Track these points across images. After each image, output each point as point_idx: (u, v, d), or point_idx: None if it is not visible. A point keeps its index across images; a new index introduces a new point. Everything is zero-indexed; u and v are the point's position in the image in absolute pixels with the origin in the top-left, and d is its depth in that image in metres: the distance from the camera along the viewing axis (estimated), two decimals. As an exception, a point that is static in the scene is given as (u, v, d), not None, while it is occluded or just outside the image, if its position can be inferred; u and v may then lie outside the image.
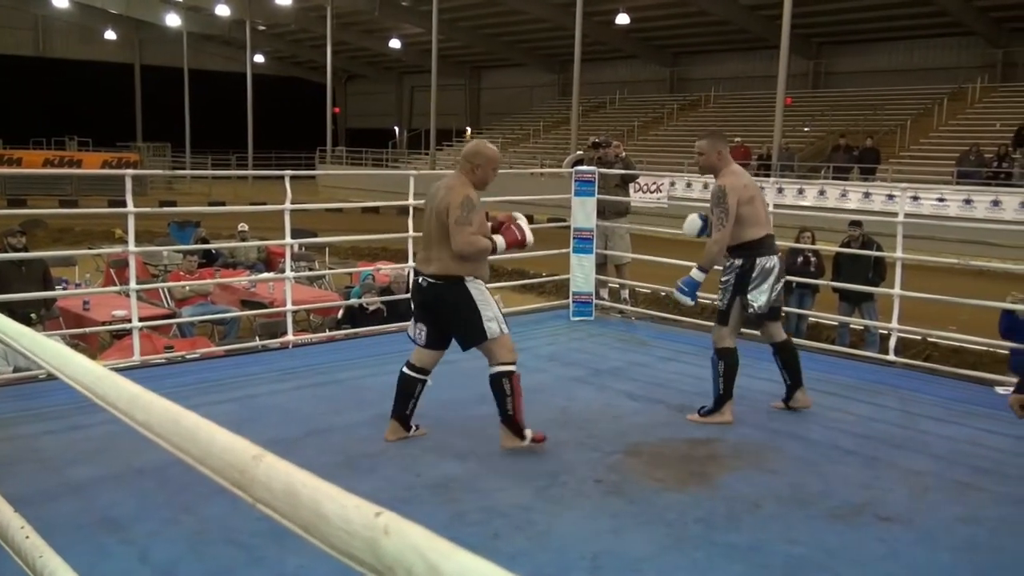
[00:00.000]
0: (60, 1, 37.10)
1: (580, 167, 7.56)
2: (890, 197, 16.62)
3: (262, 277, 10.54)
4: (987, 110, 23.31)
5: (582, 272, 7.37)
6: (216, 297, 10.24)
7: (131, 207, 5.66)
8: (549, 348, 6.49)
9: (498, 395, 4.19)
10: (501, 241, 4.28)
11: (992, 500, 3.70)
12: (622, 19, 28.65)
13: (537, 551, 3.20)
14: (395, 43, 38.02)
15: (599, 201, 7.41)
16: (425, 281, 4.19)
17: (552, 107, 35.50)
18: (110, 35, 40.88)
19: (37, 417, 4.58)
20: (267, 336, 7.61)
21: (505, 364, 4.17)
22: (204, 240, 12.76)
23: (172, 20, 38.58)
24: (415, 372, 4.35)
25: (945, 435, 4.66)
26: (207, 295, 10.14)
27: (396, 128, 43.71)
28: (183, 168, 37.64)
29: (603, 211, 7.71)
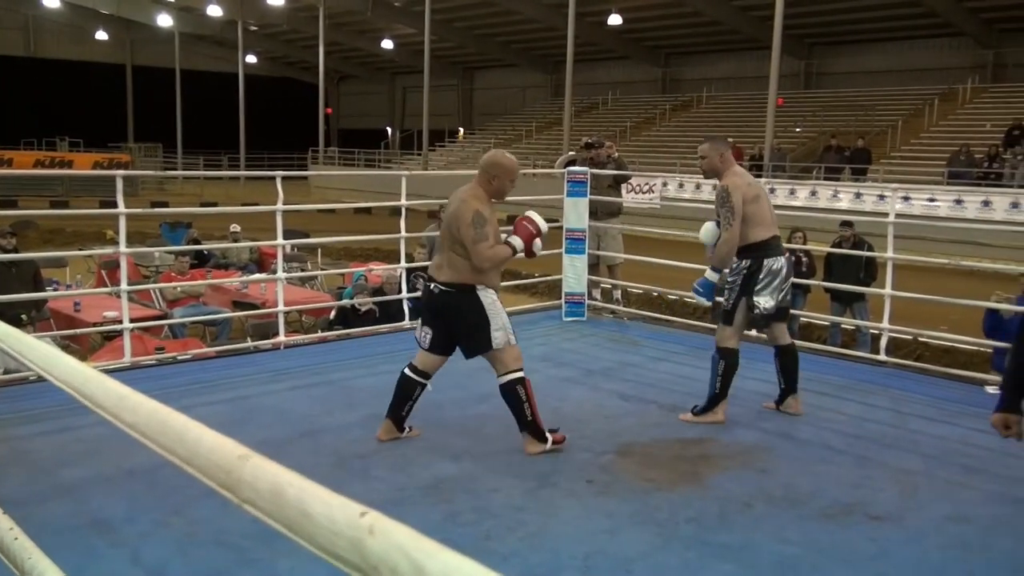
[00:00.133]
0: (51, 1, 36.97)
1: (572, 168, 7.57)
2: (881, 197, 16.68)
3: (254, 278, 10.52)
4: (977, 111, 23.40)
5: (574, 272, 7.38)
6: (208, 298, 10.22)
7: (122, 208, 5.64)
8: (541, 348, 6.49)
9: (514, 403, 4.18)
10: (518, 241, 4.29)
11: (982, 499, 3.71)
12: (614, 20, 28.69)
13: (529, 552, 3.20)
14: (387, 43, 37.99)
15: (591, 202, 7.42)
16: (437, 288, 4.19)
17: (544, 108, 35.53)
18: (101, 35, 40.75)
19: (28, 419, 4.57)
20: (259, 337, 7.58)
21: (514, 371, 4.18)
22: (196, 241, 12.74)
23: (164, 20, 38.51)
24: (416, 375, 4.36)
25: (935, 434, 4.68)
26: (199, 296, 10.12)
27: (388, 129, 43.68)
28: (175, 169, 37.57)
29: (595, 212, 7.72)
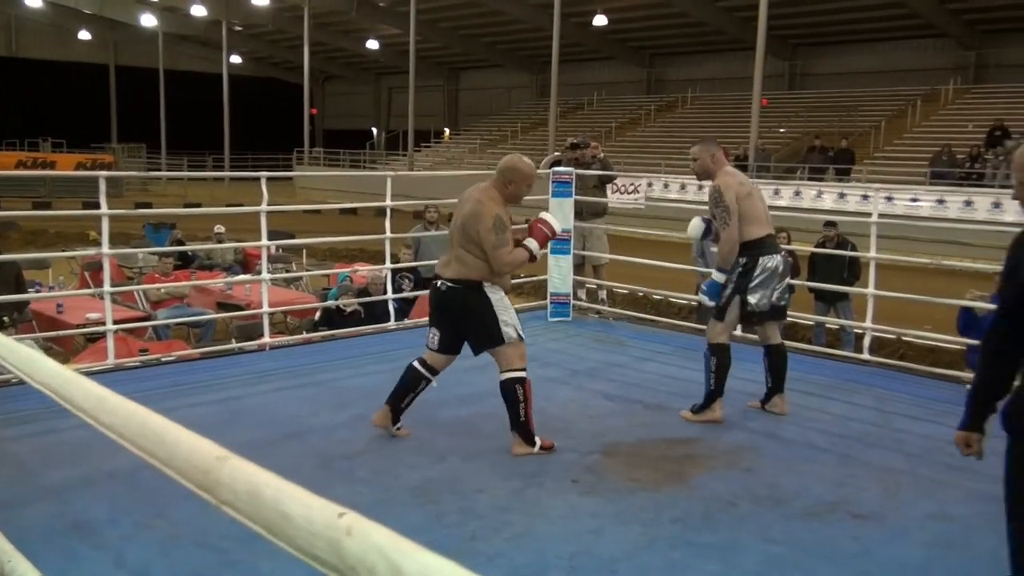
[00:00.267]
0: (33, 1, 36.67)
1: (558, 168, 7.58)
2: (864, 197, 16.76)
3: (238, 279, 10.47)
4: (960, 111, 23.58)
5: (559, 273, 7.38)
6: (192, 299, 10.16)
7: (105, 209, 5.61)
8: (527, 349, 6.47)
9: (510, 401, 4.19)
10: (535, 244, 4.32)
11: (963, 497, 3.74)
12: (600, 20, 28.75)
13: (515, 552, 3.20)
14: (372, 44, 37.92)
15: (577, 202, 7.43)
16: (444, 285, 4.21)
17: (530, 108, 35.54)
18: (84, 35, 40.50)
19: (9, 421, 4.53)
20: (243, 338, 7.55)
21: (517, 370, 4.19)
22: (180, 242, 12.67)
23: (147, 20, 38.27)
24: (424, 369, 4.39)
25: (919, 433, 4.70)
26: (183, 297, 10.06)
27: (374, 129, 43.60)
28: (159, 170, 37.37)
29: (581, 212, 7.73)
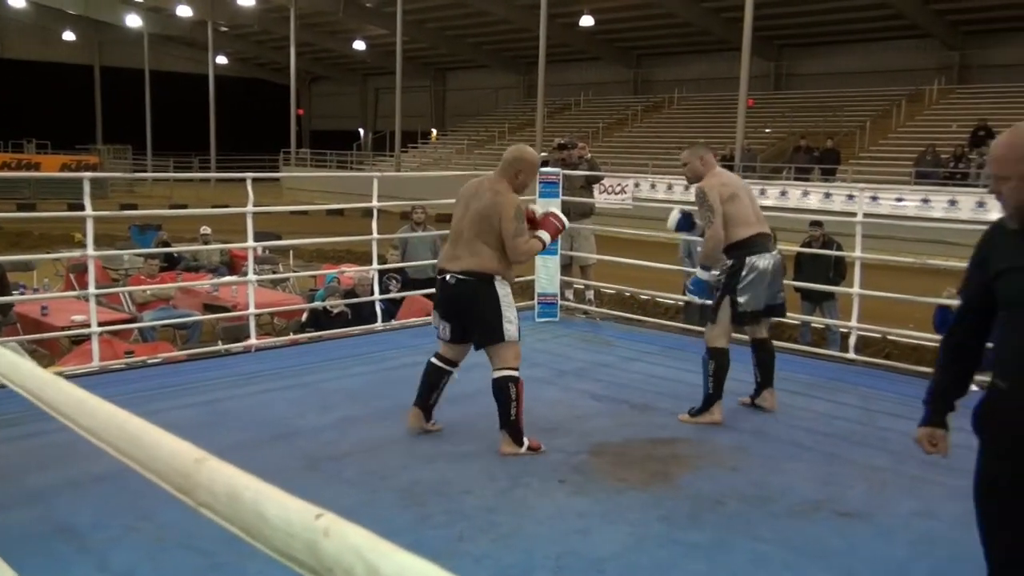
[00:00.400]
0: (17, 1, 36.42)
1: (545, 168, 7.58)
2: (850, 197, 16.86)
3: (224, 280, 10.43)
4: (944, 112, 23.74)
5: (547, 273, 7.39)
6: (178, 301, 10.11)
7: (89, 210, 5.58)
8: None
9: (502, 399, 4.21)
10: (547, 236, 4.41)
11: (947, 494, 3.76)
12: (586, 21, 28.80)
13: (502, 553, 3.20)
14: (359, 44, 37.86)
15: (564, 203, 7.43)
16: (453, 278, 4.22)
17: (517, 109, 35.58)
18: (69, 36, 40.25)
19: (-8, 425, 4.49)
20: (230, 340, 7.51)
21: (511, 369, 4.21)
22: (165, 243, 12.60)
23: (132, 21, 38.08)
24: (444, 363, 4.42)
25: (903, 431, 4.70)
26: (169, 299, 10.02)
27: (361, 130, 43.55)
28: (144, 171, 37.20)
29: (568, 213, 7.69)
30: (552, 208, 4.57)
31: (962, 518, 3.67)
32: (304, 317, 8.64)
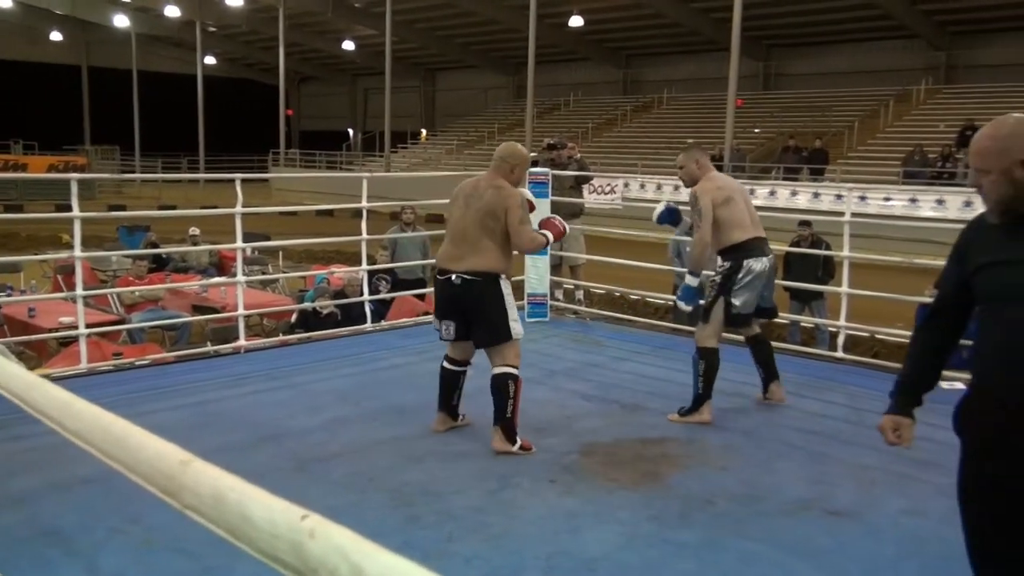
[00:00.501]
0: (3, 1, 36.21)
1: (534, 169, 7.58)
2: (838, 197, 16.91)
3: (213, 281, 10.39)
4: (931, 112, 23.85)
5: (536, 273, 7.39)
6: (167, 303, 10.06)
7: (77, 211, 5.55)
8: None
9: (499, 395, 4.23)
10: (550, 235, 4.52)
11: (935, 492, 3.78)
12: (576, 21, 28.82)
13: (492, 553, 3.20)
14: (348, 45, 37.77)
15: (553, 203, 7.43)
16: (459, 278, 4.23)
17: (507, 109, 35.59)
18: (56, 36, 40.02)
19: (-22, 427, 4.46)
20: (219, 341, 7.48)
21: (512, 367, 4.24)
22: (154, 245, 12.54)
23: (120, 21, 37.89)
24: (455, 365, 4.45)
25: (892, 430, 4.74)
26: (158, 300, 9.97)
27: (350, 130, 43.45)
28: (132, 171, 37.03)
29: (557, 212, 7.73)
30: (556, 216, 4.72)
31: (950, 516, 3.68)
32: (294, 318, 8.61)
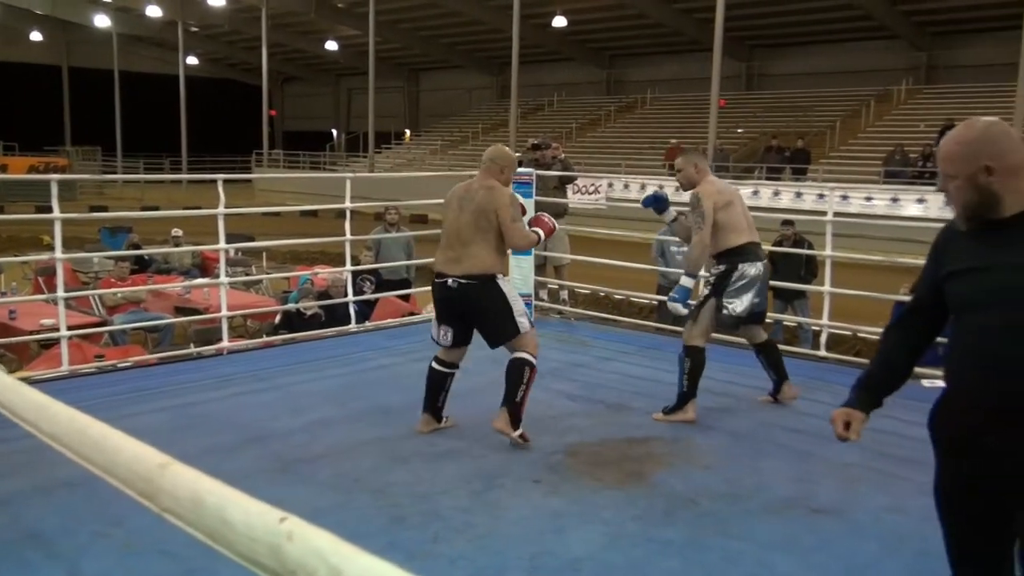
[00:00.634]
0: (-18, 1, 35.88)
1: (518, 169, 7.58)
2: (820, 196, 17.03)
3: (197, 283, 10.33)
4: (912, 111, 24.03)
5: (521, 274, 7.39)
6: (149, 304, 10.00)
7: (57, 212, 5.51)
8: (488, 350, 6.48)
9: (513, 378, 4.29)
10: (542, 232, 4.59)
11: (916, 490, 3.79)
12: (559, 22, 28.85)
13: (477, 553, 3.20)
14: (331, 45, 37.65)
15: (537, 203, 7.44)
16: (455, 282, 4.27)
17: (490, 109, 35.55)
18: (36, 36, 39.62)
19: (-42, 431, 4.42)
20: (202, 343, 7.45)
21: (531, 354, 4.31)
22: (136, 246, 12.46)
23: (101, 21, 37.56)
24: (444, 367, 4.50)
25: (873, 427, 4.69)
26: (140, 302, 9.91)
27: (334, 131, 43.32)
28: (114, 172, 36.75)
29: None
30: (545, 214, 4.78)
31: (930, 513, 3.70)
32: (277, 319, 8.58)
